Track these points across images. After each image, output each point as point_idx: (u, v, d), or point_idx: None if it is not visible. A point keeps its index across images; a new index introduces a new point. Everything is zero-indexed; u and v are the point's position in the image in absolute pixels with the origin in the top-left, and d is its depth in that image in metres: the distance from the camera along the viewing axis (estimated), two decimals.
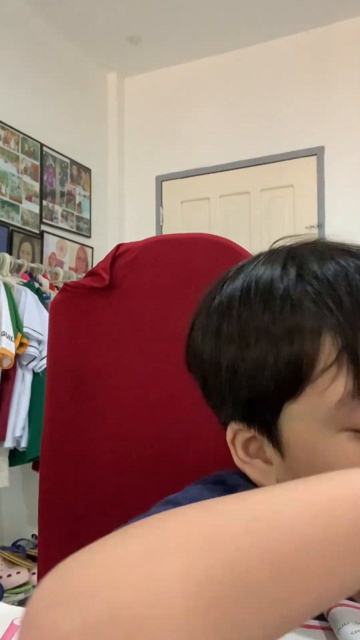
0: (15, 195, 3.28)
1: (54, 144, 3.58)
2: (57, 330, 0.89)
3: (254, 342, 0.44)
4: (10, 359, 2.48)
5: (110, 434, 0.85)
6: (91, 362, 0.87)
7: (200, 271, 0.84)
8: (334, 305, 0.41)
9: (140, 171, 4.12)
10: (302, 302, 0.42)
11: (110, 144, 4.12)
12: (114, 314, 0.86)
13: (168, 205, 4.07)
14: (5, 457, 2.62)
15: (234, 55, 3.88)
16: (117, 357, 0.85)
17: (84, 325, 0.87)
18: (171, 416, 0.82)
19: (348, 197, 3.56)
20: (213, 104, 3.93)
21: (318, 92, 3.64)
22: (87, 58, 3.93)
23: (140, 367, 0.84)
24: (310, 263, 0.43)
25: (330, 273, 0.42)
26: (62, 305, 0.89)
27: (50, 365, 0.90)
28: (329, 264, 0.43)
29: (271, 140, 3.74)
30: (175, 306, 0.84)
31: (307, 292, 0.42)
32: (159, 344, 0.84)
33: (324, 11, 3.50)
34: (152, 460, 0.82)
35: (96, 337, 0.86)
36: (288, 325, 0.42)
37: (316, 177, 3.66)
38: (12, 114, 3.28)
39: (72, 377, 0.87)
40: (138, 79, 4.18)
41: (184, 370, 0.84)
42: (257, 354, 0.44)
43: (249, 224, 3.81)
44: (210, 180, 3.93)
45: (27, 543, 2.89)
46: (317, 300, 0.42)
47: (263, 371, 0.44)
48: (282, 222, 3.75)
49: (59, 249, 3.58)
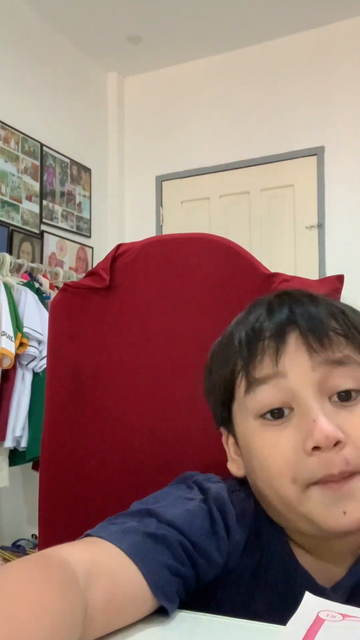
0: (15, 195, 3.28)
1: (54, 144, 3.58)
2: (57, 330, 0.89)
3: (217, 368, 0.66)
4: (10, 359, 2.48)
5: (110, 433, 0.85)
6: (91, 362, 0.86)
7: (200, 271, 0.84)
8: (241, 341, 0.62)
9: (140, 171, 4.12)
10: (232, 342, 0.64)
11: (110, 144, 4.12)
12: (114, 314, 0.86)
13: (168, 205, 4.07)
14: (5, 457, 2.62)
15: (234, 55, 3.88)
16: (116, 357, 0.85)
17: (84, 325, 0.87)
18: (171, 416, 0.82)
19: (348, 197, 3.56)
20: (213, 104, 3.93)
21: (318, 92, 3.64)
22: (87, 58, 3.93)
23: (140, 366, 0.84)
24: (251, 314, 0.63)
25: (252, 320, 0.62)
26: (62, 305, 0.89)
27: (50, 365, 0.90)
28: (256, 312, 0.62)
29: (271, 140, 3.74)
30: (175, 306, 0.84)
31: (239, 336, 0.63)
32: (158, 343, 0.84)
33: (324, 11, 3.50)
34: (152, 459, 0.82)
35: (96, 337, 0.86)
36: (225, 356, 0.64)
37: (316, 177, 3.65)
38: (12, 114, 3.28)
39: (72, 377, 0.87)
40: (138, 79, 4.18)
41: (183, 370, 0.84)
42: (217, 374, 0.65)
43: (249, 224, 3.81)
44: (210, 180, 3.93)
45: (27, 543, 2.90)
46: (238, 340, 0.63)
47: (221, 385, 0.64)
48: (282, 222, 3.75)
49: (59, 249, 3.58)
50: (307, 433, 0.54)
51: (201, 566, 0.56)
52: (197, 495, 0.61)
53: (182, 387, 0.82)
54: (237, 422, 0.62)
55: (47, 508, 0.88)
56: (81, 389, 0.86)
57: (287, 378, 0.57)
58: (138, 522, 0.55)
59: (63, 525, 0.86)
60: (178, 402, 0.82)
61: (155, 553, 0.53)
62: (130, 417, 0.84)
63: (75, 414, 0.87)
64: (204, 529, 0.57)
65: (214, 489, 0.62)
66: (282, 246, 3.72)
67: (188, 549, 0.55)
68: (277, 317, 0.60)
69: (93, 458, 0.86)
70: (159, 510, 0.57)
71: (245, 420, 0.60)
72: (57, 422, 0.88)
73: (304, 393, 0.56)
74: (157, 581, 0.51)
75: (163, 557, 0.53)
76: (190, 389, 0.82)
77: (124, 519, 0.57)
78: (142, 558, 0.51)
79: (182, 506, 0.58)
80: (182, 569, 0.54)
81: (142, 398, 0.84)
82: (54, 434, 0.88)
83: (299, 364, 0.57)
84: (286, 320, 0.59)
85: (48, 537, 0.86)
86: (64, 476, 0.87)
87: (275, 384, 0.57)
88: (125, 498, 0.83)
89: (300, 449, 0.55)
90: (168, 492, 0.63)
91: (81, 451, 0.86)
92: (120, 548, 0.51)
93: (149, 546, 0.53)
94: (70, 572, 0.45)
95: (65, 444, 0.87)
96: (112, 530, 0.54)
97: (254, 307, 0.63)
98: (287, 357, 0.58)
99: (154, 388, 0.84)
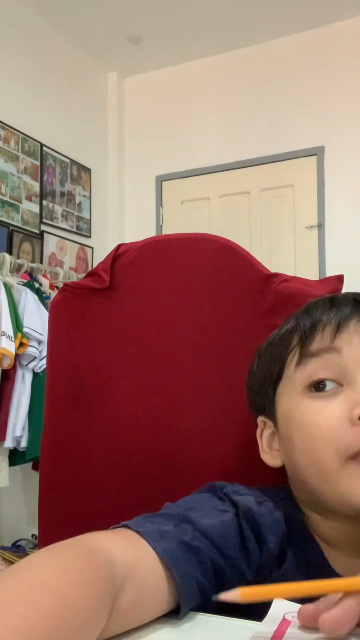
0: (15, 195, 3.28)
1: (54, 144, 3.59)
2: (57, 330, 0.89)
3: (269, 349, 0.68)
4: (10, 359, 2.48)
5: (110, 434, 0.85)
6: (91, 363, 0.86)
7: (200, 271, 0.84)
8: (303, 322, 0.64)
9: (140, 171, 4.12)
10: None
11: (110, 144, 4.12)
12: (114, 314, 0.86)
13: (168, 205, 4.07)
14: (5, 457, 2.62)
15: (234, 55, 3.88)
16: (116, 357, 0.85)
17: (84, 326, 0.87)
18: (171, 416, 0.82)
19: (348, 197, 3.56)
20: (213, 104, 3.93)
21: (318, 92, 3.64)
22: (87, 58, 3.93)
23: (140, 367, 0.84)
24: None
25: (315, 309, 0.64)
26: (62, 305, 0.89)
27: (50, 365, 0.90)
28: (318, 305, 0.65)
29: (271, 140, 3.74)
30: (175, 306, 0.84)
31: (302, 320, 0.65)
32: (159, 344, 0.84)
33: (324, 11, 3.50)
34: (152, 460, 0.82)
35: (96, 337, 0.86)
36: (282, 337, 0.66)
37: (316, 177, 3.66)
38: (12, 114, 3.28)
39: (72, 377, 0.87)
40: (138, 79, 4.18)
41: (183, 370, 0.84)
42: (268, 354, 0.68)
43: (249, 224, 3.81)
44: (210, 180, 3.93)
45: (27, 543, 2.90)
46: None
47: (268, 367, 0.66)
48: (282, 222, 3.75)
49: (59, 249, 3.58)
50: (354, 403, 0.56)
51: (228, 582, 0.55)
52: (229, 508, 0.60)
53: (182, 387, 0.82)
54: (282, 401, 0.63)
55: (47, 508, 0.88)
56: (81, 389, 0.86)
57: (341, 354, 0.59)
58: (174, 527, 0.55)
59: (63, 525, 0.86)
60: (178, 402, 0.82)
61: (188, 563, 0.52)
62: (130, 417, 0.84)
63: (75, 414, 0.87)
64: (236, 544, 0.57)
65: (242, 501, 0.61)
66: (282, 246, 3.72)
67: (218, 565, 0.54)
68: (341, 306, 0.62)
69: (93, 458, 0.86)
70: (195, 519, 0.56)
71: (291, 395, 0.61)
72: (57, 422, 0.88)
73: (356, 369, 0.58)
74: (187, 591, 0.50)
75: (194, 569, 0.52)
76: (190, 389, 0.82)
77: (160, 519, 0.56)
78: (177, 565, 0.51)
79: (217, 517, 0.58)
80: (206, 584, 0.53)
81: (142, 398, 0.84)
82: (54, 434, 0.88)
83: (356, 344, 0.59)
84: (350, 308, 0.62)
85: (48, 537, 0.86)
86: (64, 476, 0.87)
87: (328, 359, 0.59)
88: (125, 498, 0.83)
89: (345, 419, 0.56)
90: (201, 501, 0.62)
91: (81, 451, 0.86)
92: (156, 551, 0.51)
93: (182, 554, 0.52)
94: (112, 573, 0.45)
95: (65, 444, 0.87)
96: (151, 529, 0.53)
97: (317, 301, 0.66)
98: (344, 336, 0.60)
99: (154, 388, 0.84)
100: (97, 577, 0.43)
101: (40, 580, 0.39)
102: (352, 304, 0.62)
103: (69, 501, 0.87)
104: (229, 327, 0.81)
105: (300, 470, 0.60)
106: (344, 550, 0.60)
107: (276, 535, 0.60)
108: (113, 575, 0.45)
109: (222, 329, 0.82)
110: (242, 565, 0.56)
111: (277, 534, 0.60)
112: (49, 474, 0.88)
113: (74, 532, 0.52)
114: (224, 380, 0.80)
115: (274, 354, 0.65)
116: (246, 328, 0.80)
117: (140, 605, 0.48)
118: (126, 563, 0.47)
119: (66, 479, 0.87)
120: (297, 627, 0.44)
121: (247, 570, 0.57)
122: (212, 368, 0.81)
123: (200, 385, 0.82)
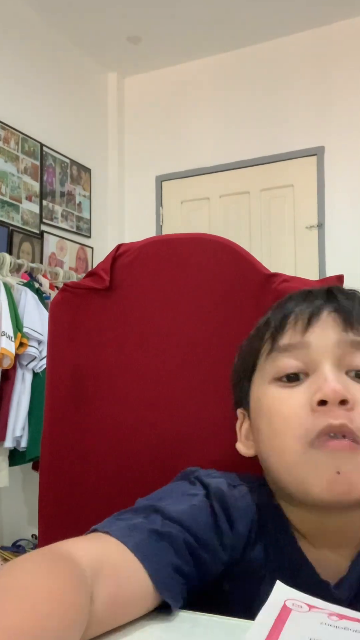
0: (15, 195, 3.28)
1: (54, 144, 3.59)
2: (57, 330, 0.89)
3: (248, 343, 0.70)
4: (10, 359, 2.48)
5: (110, 433, 0.85)
6: (91, 362, 0.86)
7: (200, 271, 0.84)
8: (275, 316, 0.66)
9: (140, 171, 4.12)
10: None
11: (110, 144, 4.12)
12: (114, 314, 0.86)
13: (168, 205, 4.07)
14: (5, 457, 2.62)
15: (234, 55, 3.88)
16: (116, 357, 0.85)
17: (84, 326, 0.87)
18: (171, 415, 0.82)
19: (348, 197, 3.56)
20: (213, 104, 3.93)
21: (318, 92, 3.64)
22: (87, 58, 3.93)
23: (140, 367, 0.84)
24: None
25: (289, 302, 0.65)
26: (62, 305, 0.89)
27: (50, 365, 0.90)
28: (293, 297, 0.66)
29: (271, 140, 3.74)
30: (175, 306, 0.84)
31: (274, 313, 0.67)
32: (158, 343, 0.84)
33: (324, 11, 3.50)
34: (152, 459, 0.82)
35: (96, 337, 0.86)
36: (258, 330, 0.68)
37: (316, 177, 3.66)
38: (12, 114, 3.28)
39: (72, 377, 0.87)
40: (138, 79, 4.18)
41: (183, 370, 0.84)
42: (247, 347, 0.69)
43: (249, 224, 3.81)
44: (210, 180, 3.93)
45: (27, 543, 2.90)
46: None
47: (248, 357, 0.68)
48: (282, 222, 3.75)
49: (59, 249, 3.58)
50: (316, 389, 0.57)
51: (205, 563, 0.56)
52: (199, 490, 0.62)
53: (182, 386, 0.82)
54: (254, 389, 0.65)
55: (47, 508, 0.88)
56: (81, 389, 0.87)
57: (310, 348, 0.60)
58: (144, 519, 0.56)
59: (63, 525, 0.86)
60: (178, 403, 0.82)
61: (160, 550, 0.53)
62: (130, 417, 0.84)
63: (75, 414, 0.87)
64: (208, 524, 0.58)
65: (214, 483, 0.62)
66: (282, 246, 3.72)
67: (192, 546, 0.55)
68: (314, 299, 0.63)
69: (93, 458, 0.86)
70: (164, 507, 0.57)
71: (261, 384, 0.63)
72: (57, 422, 0.88)
73: (323, 361, 0.59)
74: (162, 578, 0.51)
75: (168, 554, 0.54)
76: (190, 389, 0.82)
77: (129, 514, 0.58)
78: (147, 555, 0.52)
79: (186, 502, 0.59)
80: (185, 567, 0.54)
81: (142, 398, 0.84)
82: (54, 434, 0.88)
83: (325, 338, 0.60)
84: (322, 301, 0.63)
85: (48, 537, 0.86)
86: (64, 476, 0.87)
87: (297, 354, 0.60)
88: (125, 497, 0.83)
89: (308, 406, 0.57)
90: (172, 489, 0.63)
91: (81, 451, 0.86)
92: (126, 545, 0.52)
93: (154, 544, 0.53)
94: (78, 567, 0.46)
95: (65, 444, 0.87)
96: (119, 526, 0.54)
97: (292, 295, 0.67)
98: (315, 331, 0.61)
99: (154, 388, 0.84)
100: (71, 577, 0.44)
101: (22, 585, 0.41)
102: (325, 296, 0.63)
103: (69, 501, 0.87)
104: (229, 327, 0.81)
105: (265, 458, 0.61)
106: (314, 540, 0.61)
107: (246, 520, 0.61)
108: (83, 574, 0.46)
109: (222, 329, 0.82)
110: (215, 544, 0.58)
111: (246, 518, 0.61)
112: (49, 474, 0.88)
113: (74, 532, 0.52)
114: (224, 380, 0.80)
115: (250, 346, 0.67)
116: (246, 328, 0.80)
117: (121, 599, 0.48)
118: (91, 561, 0.48)
119: (66, 479, 0.87)
120: (299, 615, 0.44)
121: (220, 549, 0.58)
122: (212, 368, 0.81)
123: (200, 384, 0.82)
